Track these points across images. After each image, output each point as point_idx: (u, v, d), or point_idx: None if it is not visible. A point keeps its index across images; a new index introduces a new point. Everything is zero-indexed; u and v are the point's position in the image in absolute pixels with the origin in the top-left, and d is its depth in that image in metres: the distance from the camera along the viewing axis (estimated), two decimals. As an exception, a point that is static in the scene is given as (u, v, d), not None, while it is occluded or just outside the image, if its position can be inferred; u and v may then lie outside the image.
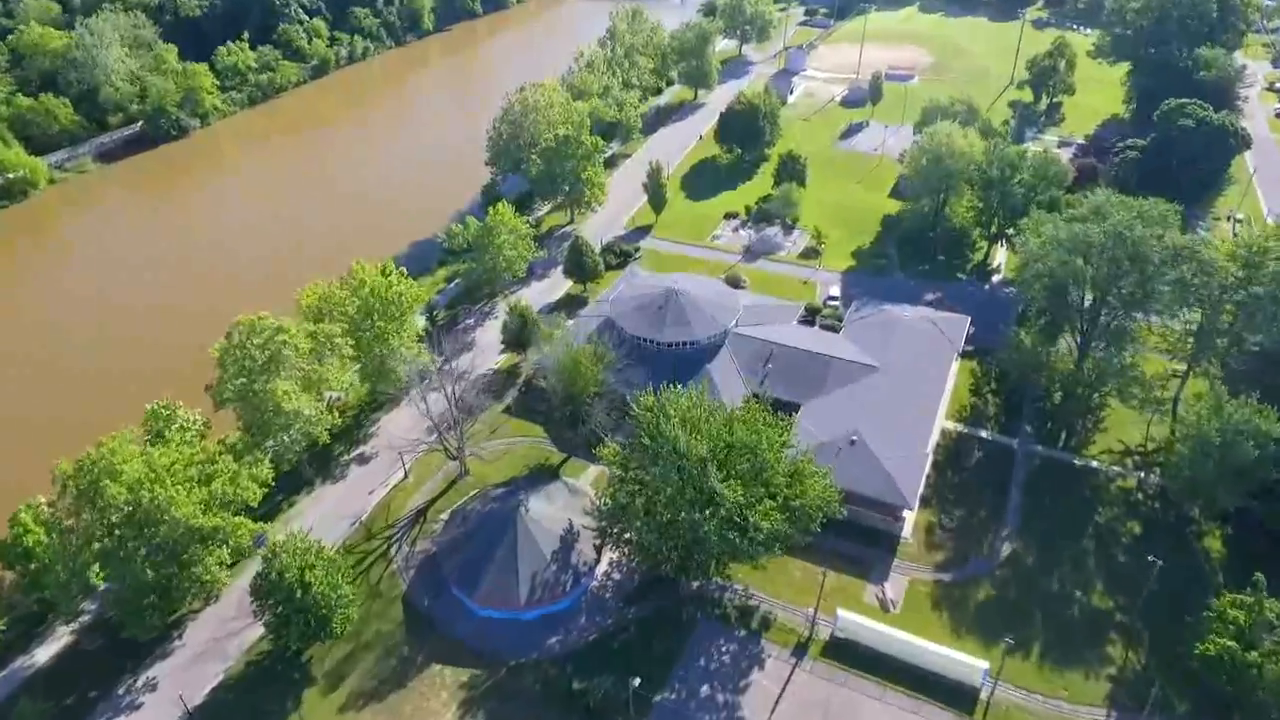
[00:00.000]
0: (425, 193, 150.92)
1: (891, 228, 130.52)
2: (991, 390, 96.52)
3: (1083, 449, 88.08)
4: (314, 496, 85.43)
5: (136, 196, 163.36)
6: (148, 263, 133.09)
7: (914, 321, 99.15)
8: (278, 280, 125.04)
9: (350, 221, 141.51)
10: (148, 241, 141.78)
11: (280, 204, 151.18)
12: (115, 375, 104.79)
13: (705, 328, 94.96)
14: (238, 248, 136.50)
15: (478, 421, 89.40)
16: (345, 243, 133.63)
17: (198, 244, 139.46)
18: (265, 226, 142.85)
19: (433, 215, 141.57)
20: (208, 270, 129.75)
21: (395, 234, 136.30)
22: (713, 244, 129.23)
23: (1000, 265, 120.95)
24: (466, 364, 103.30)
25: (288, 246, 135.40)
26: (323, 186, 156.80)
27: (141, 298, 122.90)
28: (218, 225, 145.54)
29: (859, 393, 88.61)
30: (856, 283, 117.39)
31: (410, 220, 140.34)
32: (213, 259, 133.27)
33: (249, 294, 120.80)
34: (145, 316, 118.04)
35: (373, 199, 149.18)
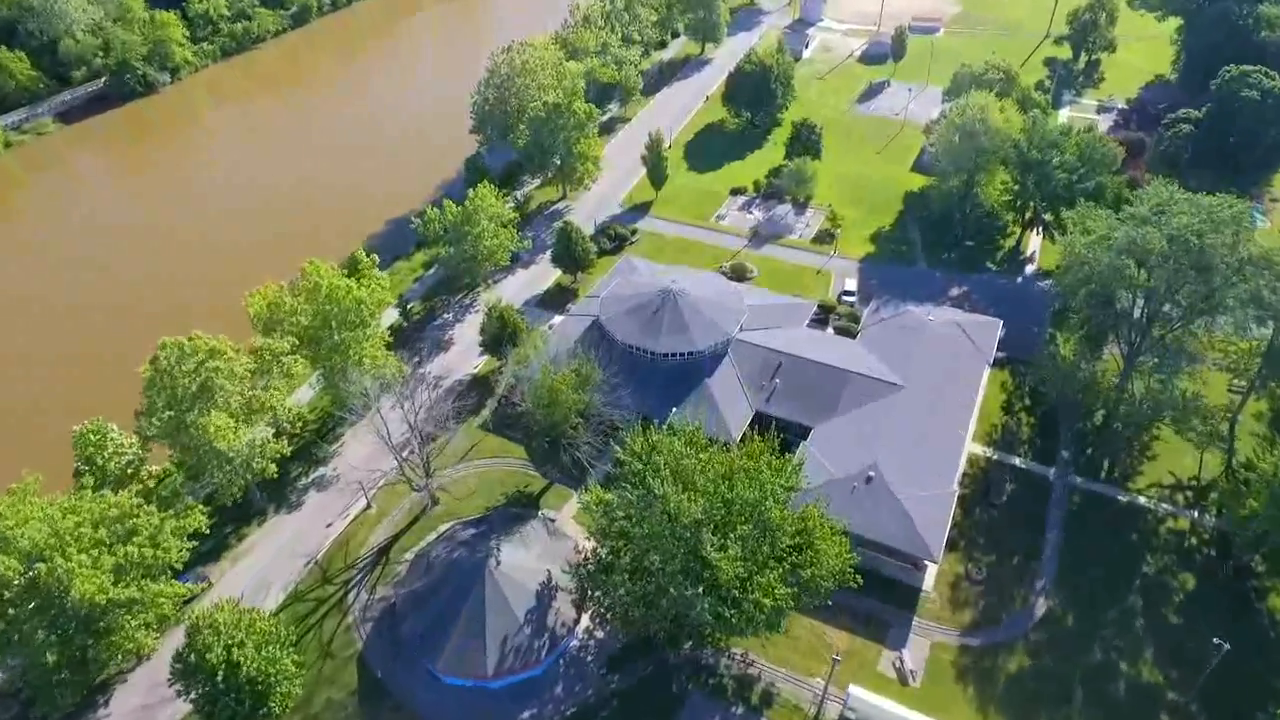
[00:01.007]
0: (409, 160, 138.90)
1: (914, 207, 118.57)
2: (1025, 408, 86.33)
3: (1128, 481, 78.28)
4: (266, 529, 76.65)
5: (101, 160, 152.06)
6: (113, 233, 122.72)
7: (940, 327, 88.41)
8: (252, 254, 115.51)
9: (327, 191, 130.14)
10: (114, 209, 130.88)
11: (255, 169, 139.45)
12: (59, 363, 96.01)
13: (706, 335, 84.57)
14: (208, 217, 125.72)
15: (450, 440, 79.86)
16: (321, 215, 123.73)
17: (166, 212, 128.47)
18: (238, 194, 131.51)
19: (416, 186, 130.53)
20: (178, 244, 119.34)
21: (375, 205, 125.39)
22: (717, 225, 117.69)
23: (1034, 254, 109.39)
24: (442, 367, 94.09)
25: (262, 216, 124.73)
26: (301, 151, 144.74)
27: (99, 278, 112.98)
28: (187, 192, 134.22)
29: (878, 415, 78.59)
30: (875, 273, 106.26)
31: (392, 190, 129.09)
32: (182, 231, 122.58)
33: (221, 268, 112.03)
34: (103, 295, 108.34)
35: (354, 166, 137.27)
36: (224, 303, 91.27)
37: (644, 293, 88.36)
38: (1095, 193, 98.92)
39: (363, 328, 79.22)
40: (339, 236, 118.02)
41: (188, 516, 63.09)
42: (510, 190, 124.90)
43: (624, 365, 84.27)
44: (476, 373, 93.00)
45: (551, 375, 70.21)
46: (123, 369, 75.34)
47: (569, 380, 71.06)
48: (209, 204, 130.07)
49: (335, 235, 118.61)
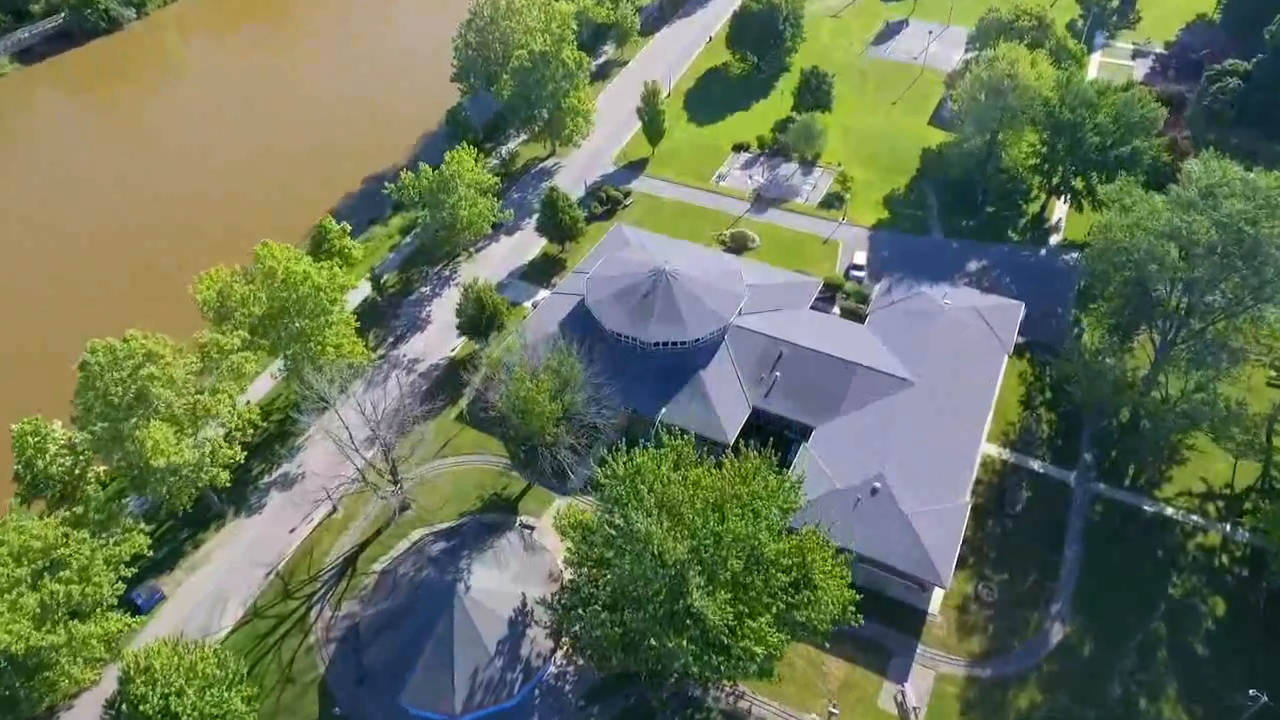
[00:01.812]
0: (392, 107, 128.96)
1: (931, 166, 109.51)
2: (1045, 402, 79.76)
3: (1155, 488, 72.28)
4: (225, 535, 71.50)
5: (64, 104, 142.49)
6: (70, 188, 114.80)
7: (956, 314, 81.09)
8: (222, 210, 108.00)
9: (303, 141, 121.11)
10: (72, 161, 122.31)
11: (226, 115, 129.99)
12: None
13: (700, 323, 77.53)
14: (177, 170, 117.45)
15: (423, 437, 73.68)
16: (293, 168, 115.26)
17: (130, 164, 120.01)
18: (207, 145, 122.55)
19: (397, 135, 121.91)
20: (142, 200, 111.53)
21: (352, 158, 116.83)
22: (717, 187, 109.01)
23: (1059, 223, 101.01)
24: (418, 349, 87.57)
25: (232, 170, 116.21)
26: (278, 98, 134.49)
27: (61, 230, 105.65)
28: (153, 144, 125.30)
29: (885, 415, 72.16)
30: (887, 244, 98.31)
31: (370, 144, 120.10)
32: (148, 186, 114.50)
33: (189, 227, 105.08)
34: (54, 263, 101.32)
35: (332, 114, 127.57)
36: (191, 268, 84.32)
37: (634, 272, 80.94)
38: (1131, 159, 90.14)
39: (324, 315, 72.28)
40: (312, 194, 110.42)
41: (125, 541, 57.59)
42: (495, 146, 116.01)
43: (612, 353, 77.70)
44: (454, 356, 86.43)
45: (526, 384, 63.50)
46: (67, 354, 69.00)
47: (546, 387, 64.41)
48: (177, 157, 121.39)
49: (308, 191, 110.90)
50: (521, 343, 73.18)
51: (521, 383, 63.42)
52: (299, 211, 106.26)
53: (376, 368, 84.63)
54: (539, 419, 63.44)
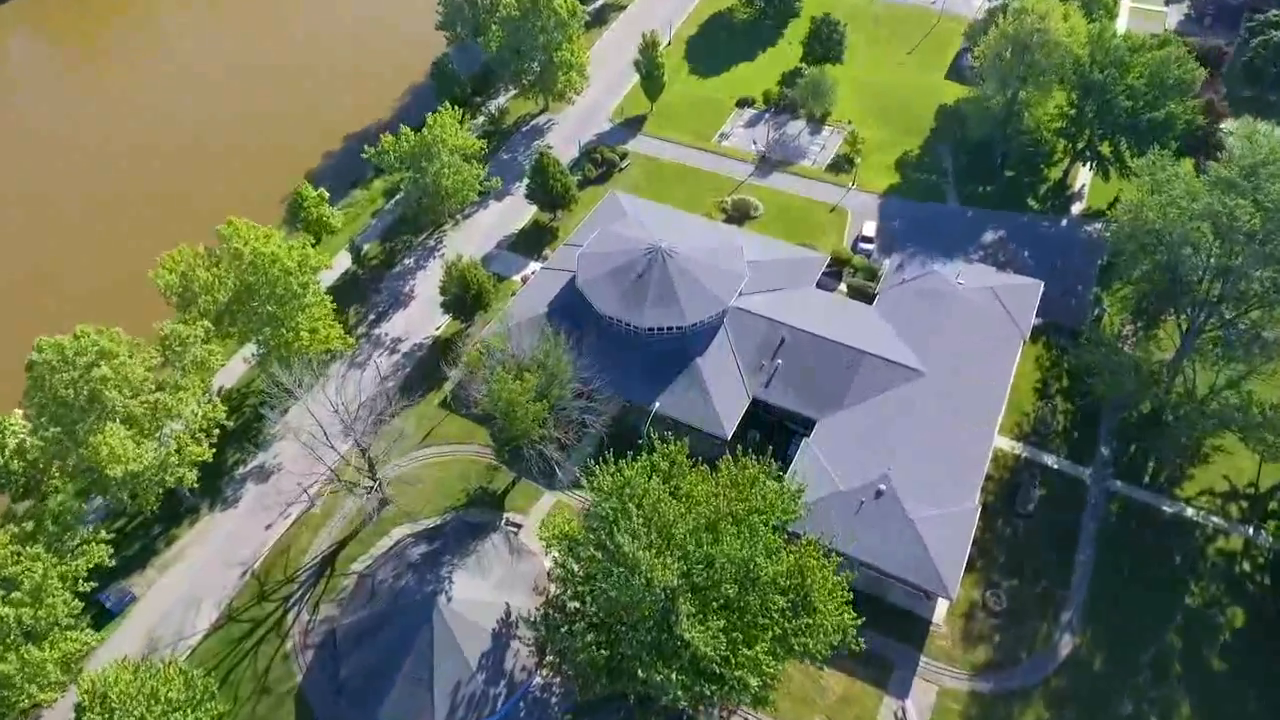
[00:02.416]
0: (376, 58, 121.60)
1: (948, 125, 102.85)
2: (1061, 389, 75.51)
3: (1175, 486, 68.59)
4: (198, 530, 68.44)
5: (33, 47, 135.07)
6: (31, 142, 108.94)
7: (970, 294, 76.20)
8: (190, 174, 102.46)
9: (280, 97, 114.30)
10: (36, 114, 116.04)
11: (201, 61, 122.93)
12: None
13: (698, 307, 72.76)
14: (144, 129, 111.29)
15: (404, 429, 69.95)
16: (271, 130, 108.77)
17: (93, 120, 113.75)
18: (176, 103, 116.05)
19: (380, 90, 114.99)
20: (108, 161, 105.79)
21: (334, 115, 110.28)
22: (719, 148, 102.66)
23: (1083, 190, 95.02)
24: (401, 327, 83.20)
25: (205, 130, 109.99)
26: (255, 52, 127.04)
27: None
28: (120, 99, 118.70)
29: (893, 408, 68.05)
30: (898, 212, 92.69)
31: (352, 97, 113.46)
32: (115, 143, 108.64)
33: (153, 191, 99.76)
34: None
35: (312, 66, 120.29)
36: (158, 239, 79.58)
37: (628, 249, 75.81)
38: (1164, 125, 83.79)
39: (296, 300, 67.71)
40: (290, 155, 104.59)
41: (84, 554, 54.37)
42: (483, 101, 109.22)
43: (604, 337, 73.40)
44: (439, 335, 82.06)
45: (510, 385, 59.19)
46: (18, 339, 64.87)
47: (531, 385, 60.15)
48: (145, 116, 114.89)
49: (286, 152, 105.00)
50: (505, 331, 68.73)
51: (504, 383, 59.17)
52: (276, 175, 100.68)
53: (357, 348, 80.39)
54: (524, 421, 59.46)
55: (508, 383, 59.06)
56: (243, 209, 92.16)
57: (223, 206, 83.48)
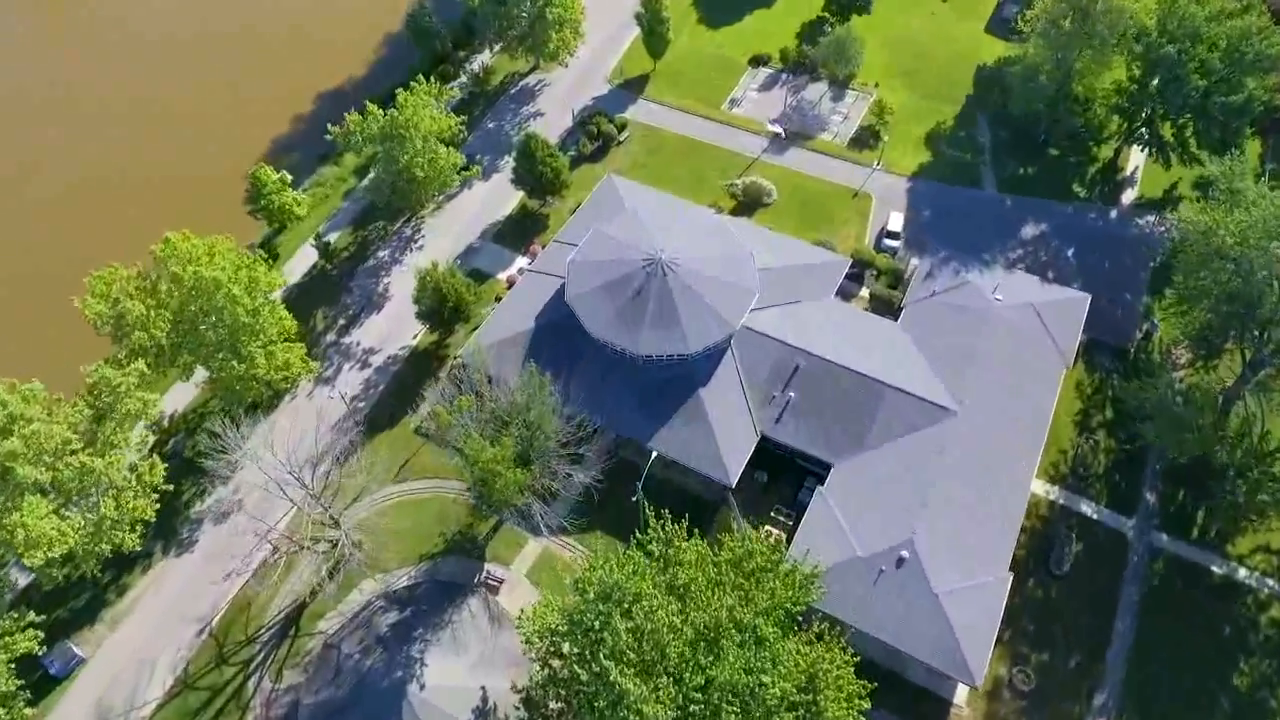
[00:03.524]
0: (348, 4, 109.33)
1: (987, 92, 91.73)
2: (1104, 422, 67.97)
3: (1228, 543, 61.92)
4: (152, 578, 62.65)
5: None
6: None
7: (1009, 312, 67.79)
8: (136, 160, 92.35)
9: (240, 59, 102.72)
10: None
11: (147, 42, 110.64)
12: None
13: (703, 330, 64.59)
14: (79, 110, 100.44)
15: (367, 485, 62.83)
16: (231, 97, 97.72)
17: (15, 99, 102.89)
18: (117, 75, 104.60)
19: (353, 47, 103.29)
20: (31, 148, 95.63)
21: (301, 76, 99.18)
22: (730, 116, 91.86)
23: (1136, 175, 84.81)
24: (375, 334, 75.36)
25: (149, 107, 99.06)
26: (211, 12, 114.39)
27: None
28: (52, 73, 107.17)
29: (919, 454, 60.78)
30: (928, 199, 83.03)
31: (322, 54, 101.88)
32: (41, 127, 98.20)
33: (90, 181, 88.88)
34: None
35: (276, 20, 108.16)
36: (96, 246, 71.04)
37: (625, 258, 67.10)
38: (1240, 108, 73.24)
39: (248, 329, 59.75)
40: (252, 126, 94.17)
41: (7, 645, 48.45)
42: (466, 57, 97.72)
43: (596, 361, 65.77)
44: (416, 344, 74.29)
45: (486, 451, 51.75)
46: None
47: (508, 455, 52.75)
48: (81, 94, 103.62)
49: (247, 124, 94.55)
50: (483, 357, 61.07)
51: (479, 451, 51.77)
52: (239, 145, 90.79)
53: (322, 369, 72.75)
54: (503, 492, 52.41)
55: (484, 450, 51.70)
56: (198, 189, 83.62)
57: (171, 202, 74.66)
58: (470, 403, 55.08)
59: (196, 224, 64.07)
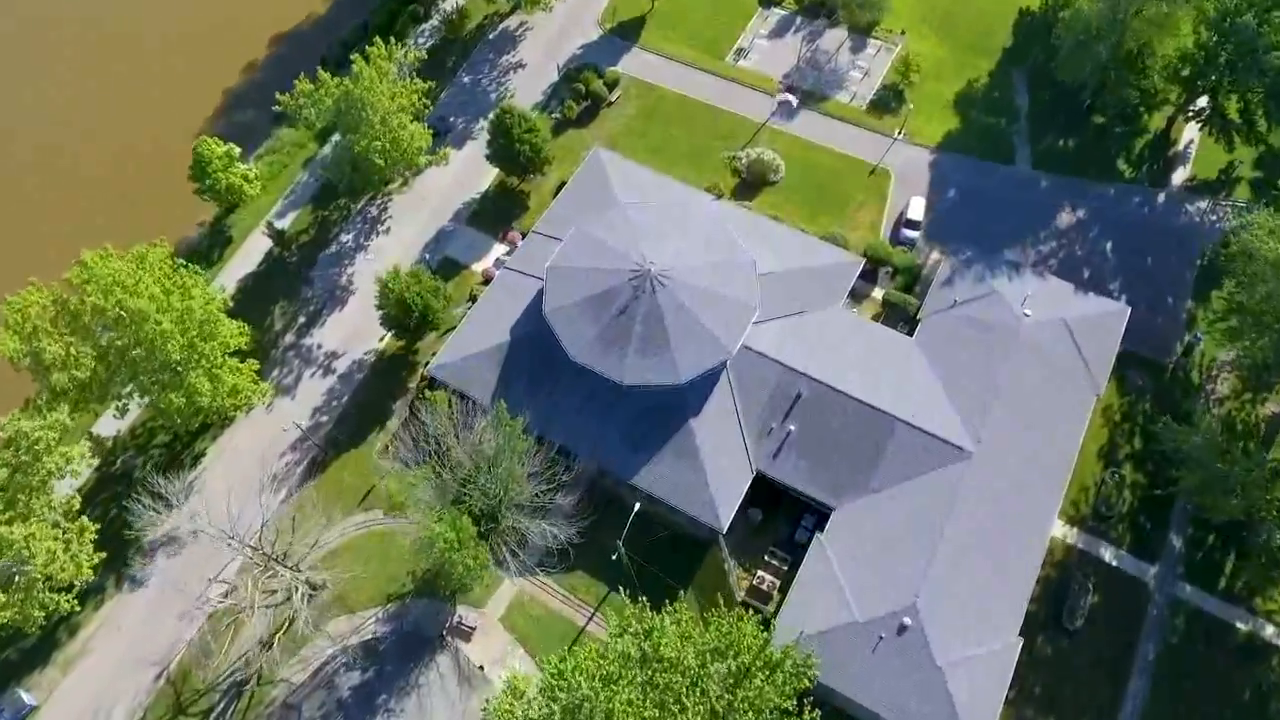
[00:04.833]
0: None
1: (1028, 43, 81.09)
2: (1131, 455, 62.10)
3: (1256, 597, 57.26)
4: (105, 616, 58.91)
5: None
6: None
7: (1038, 331, 60.84)
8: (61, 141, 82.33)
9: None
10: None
11: None
12: None
13: (695, 355, 57.93)
14: None
15: (341, 472, 58.21)
16: (171, 54, 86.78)
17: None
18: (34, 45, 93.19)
19: None
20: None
21: (258, 14, 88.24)
22: (735, 71, 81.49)
23: (1189, 151, 75.31)
24: (337, 336, 69.09)
25: (71, 73, 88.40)
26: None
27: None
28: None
29: (929, 501, 55.37)
30: (954, 177, 74.24)
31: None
32: None
33: None
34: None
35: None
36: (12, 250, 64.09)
37: (609, 267, 59.77)
38: (1325, 89, 63.62)
39: (190, 359, 53.48)
40: (199, 86, 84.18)
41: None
42: (429, 8, 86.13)
43: (577, 384, 59.72)
44: (383, 350, 67.92)
45: (446, 535, 46.24)
46: None
47: (469, 535, 47.32)
48: None
49: (193, 83, 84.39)
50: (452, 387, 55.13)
51: (439, 538, 46.28)
52: (181, 109, 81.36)
53: (285, 364, 66.82)
54: (464, 577, 47.36)
55: (440, 535, 46.28)
56: (136, 161, 75.47)
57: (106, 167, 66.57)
58: (426, 474, 49.38)
59: (134, 207, 56.79)
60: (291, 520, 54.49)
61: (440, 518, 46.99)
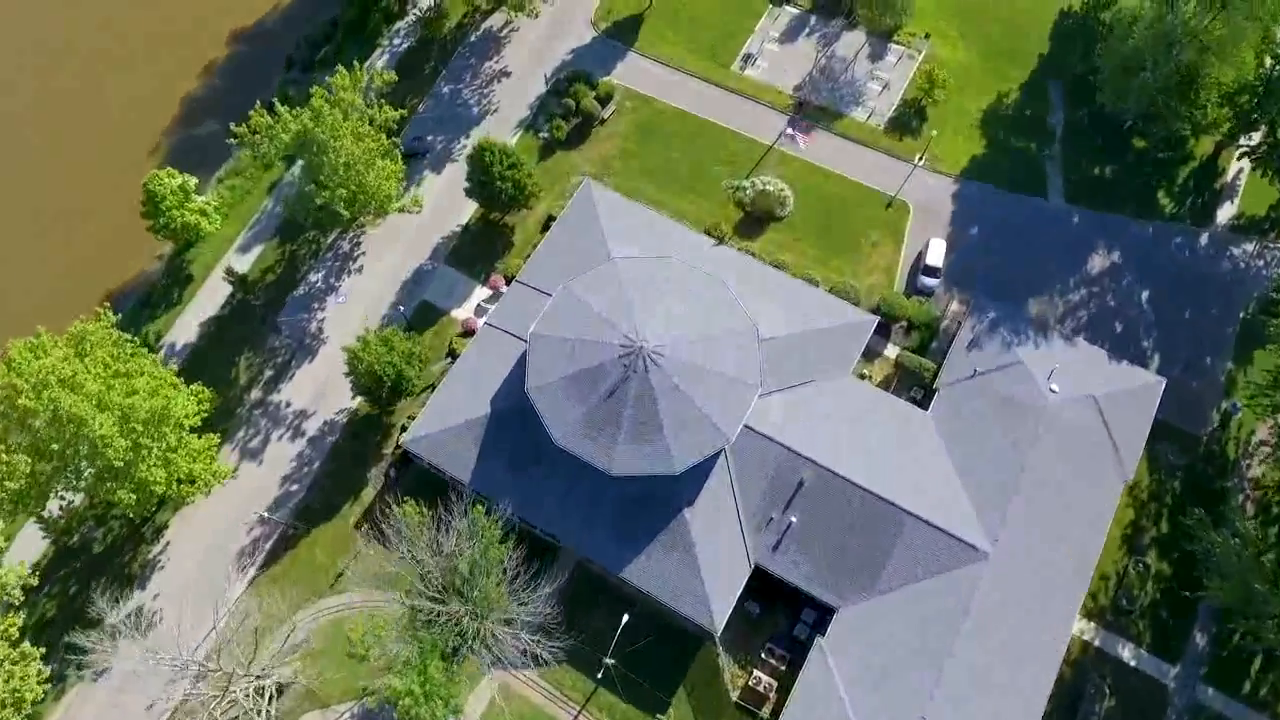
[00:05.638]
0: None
1: (1067, 50, 73.40)
2: (1157, 541, 57.90)
3: None
4: (67, 705, 55.99)
5: None
6: None
7: (1066, 411, 55.85)
8: None
9: None
10: None
11: None
12: None
13: (692, 443, 52.88)
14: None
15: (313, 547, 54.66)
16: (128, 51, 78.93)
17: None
18: None
19: None
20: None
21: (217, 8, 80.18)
22: (742, 82, 73.86)
23: (1237, 183, 68.52)
24: (307, 392, 64.28)
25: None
26: None
27: None
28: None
29: (941, 604, 51.51)
30: (978, 212, 67.92)
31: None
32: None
33: None
34: None
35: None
36: None
37: (598, 339, 54.26)
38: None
39: (137, 457, 48.96)
40: (153, 104, 76.81)
41: None
42: (405, 4, 77.78)
43: (562, 467, 55.26)
44: (356, 410, 63.08)
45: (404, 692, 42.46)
46: None
47: (440, 682, 43.55)
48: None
49: (144, 102, 76.96)
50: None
51: (402, 695, 42.45)
52: (132, 124, 74.43)
53: (251, 424, 62.30)
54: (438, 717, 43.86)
55: (406, 691, 42.50)
56: (81, 186, 69.52)
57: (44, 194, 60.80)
58: (392, 620, 45.37)
59: (85, 238, 51.16)
60: (254, 633, 50.69)
61: (403, 668, 43.24)
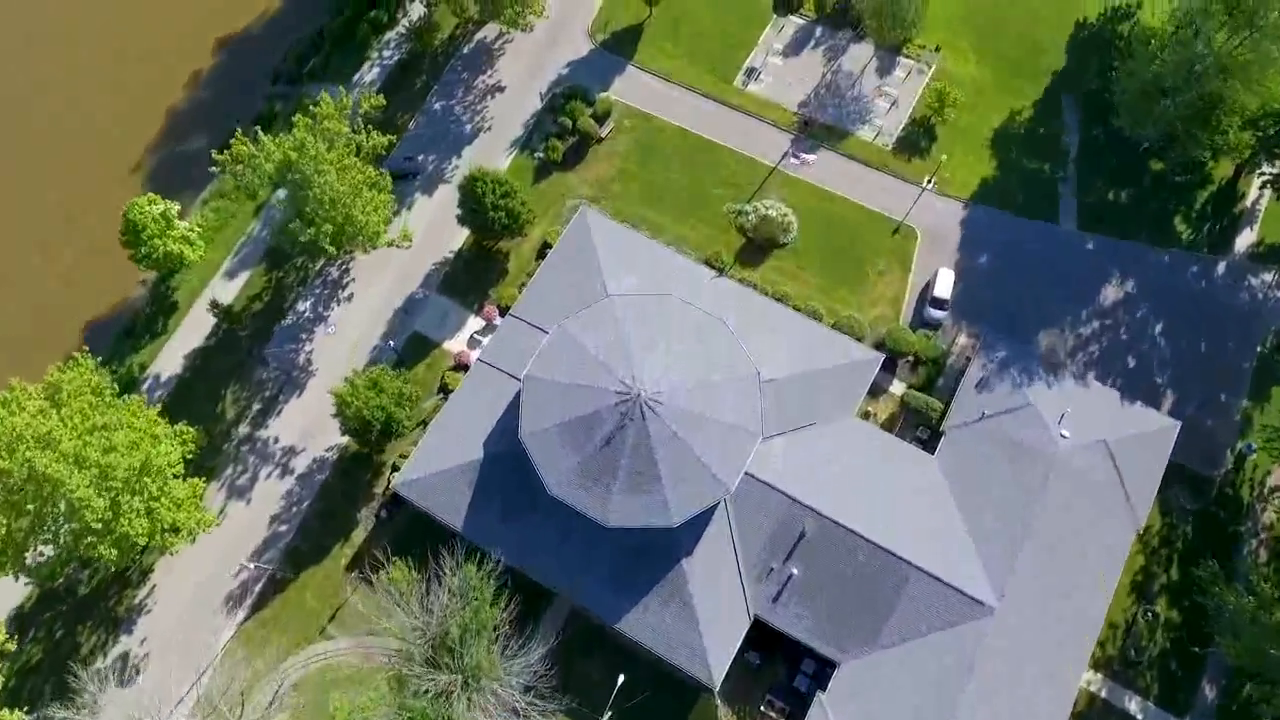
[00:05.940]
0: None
1: (1081, 65, 70.65)
2: (1167, 588, 56.46)
3: (1292, 756, 52.95)
4: (53, 754, 55.36)
5: None
6: None
7: (1077, 458, 54.12)
8: None
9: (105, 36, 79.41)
10: None
11: None
12: None
13: (689, 493, 51.22)
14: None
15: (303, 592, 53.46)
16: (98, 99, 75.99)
17: None
18: None
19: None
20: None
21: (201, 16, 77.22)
22: (746, 98, 71.11)
23: (1257, 209, 66.16)
24: (297, 428, 62.58)
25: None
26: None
27: None
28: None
29: (944, 661, 50.25)
30: (988, 237, 65.65)
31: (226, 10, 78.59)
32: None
33: None
34: None
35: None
36: None
37: (593, 384, 52.33)
38: None
39: (117, 513, 47.42)
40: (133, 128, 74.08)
41: None
42: (394, 14, 74.70)
43: (556, 515, 53.69)
44: (346, 447, 61.36)
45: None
46: None
47: None
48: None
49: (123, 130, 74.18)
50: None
51: None
52: (113, 140, 72.02)
53: (239, 461, 60.77)
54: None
55: None
56: (58, 209, 67.40)
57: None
58: (378, 699, 44.06)
59: (66, 264, 49.60)
60: (240, 695, 49.55)
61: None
